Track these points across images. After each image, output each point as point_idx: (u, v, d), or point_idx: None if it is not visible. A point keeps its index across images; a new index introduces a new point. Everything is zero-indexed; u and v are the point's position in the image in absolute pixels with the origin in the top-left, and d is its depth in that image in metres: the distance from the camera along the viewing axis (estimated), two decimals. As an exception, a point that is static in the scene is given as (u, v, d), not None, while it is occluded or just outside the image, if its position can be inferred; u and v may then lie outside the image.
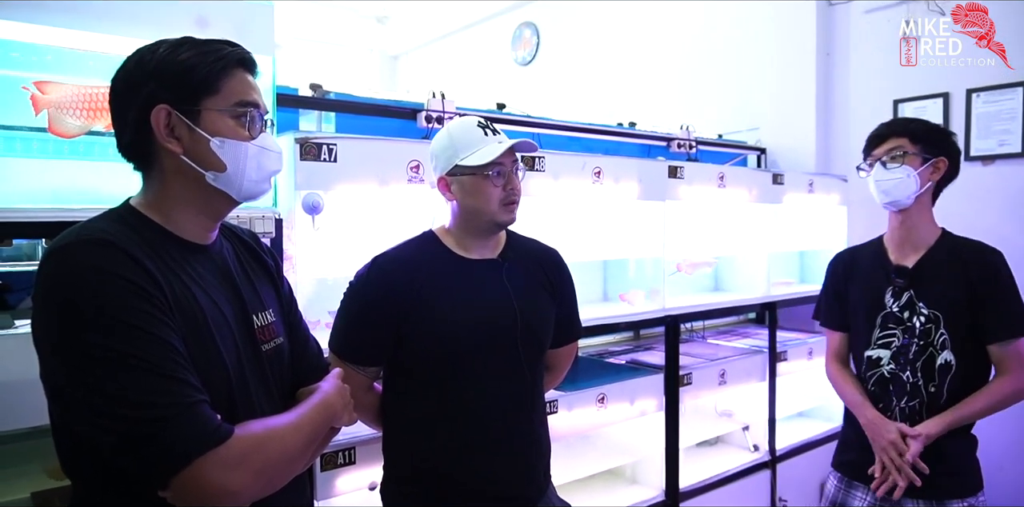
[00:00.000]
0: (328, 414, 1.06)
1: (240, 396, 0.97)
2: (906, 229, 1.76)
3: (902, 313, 1.73)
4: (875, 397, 1.77)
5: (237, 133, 0.99)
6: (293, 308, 1.21)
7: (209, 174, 0.97)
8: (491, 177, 1.38)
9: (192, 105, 0.96)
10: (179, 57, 0.95)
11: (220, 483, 0.83)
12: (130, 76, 0.95)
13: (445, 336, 1.38)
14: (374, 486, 1.72)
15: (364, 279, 1.41)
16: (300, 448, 0.97)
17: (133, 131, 0.96)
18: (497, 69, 5.64)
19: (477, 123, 1.42)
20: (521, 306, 1.43)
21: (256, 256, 1.15)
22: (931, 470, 1.63)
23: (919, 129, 1.72)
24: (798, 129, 3.55)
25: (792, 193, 3.03)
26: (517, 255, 1.50)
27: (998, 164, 2.92)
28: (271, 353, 1.07)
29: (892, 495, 1.64)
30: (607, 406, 2.24)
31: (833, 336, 1.92)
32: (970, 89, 2.97)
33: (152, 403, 0.81)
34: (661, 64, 4.35)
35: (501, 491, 1.43)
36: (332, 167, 1.66)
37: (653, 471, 2.53)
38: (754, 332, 3.37)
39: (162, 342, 0.84)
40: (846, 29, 3.44)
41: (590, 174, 2.24)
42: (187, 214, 0.99)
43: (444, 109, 2.17)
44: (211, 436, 0.84)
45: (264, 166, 1.03)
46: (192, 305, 0.93)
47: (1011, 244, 2.83)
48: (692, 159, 2.98)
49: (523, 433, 1.46)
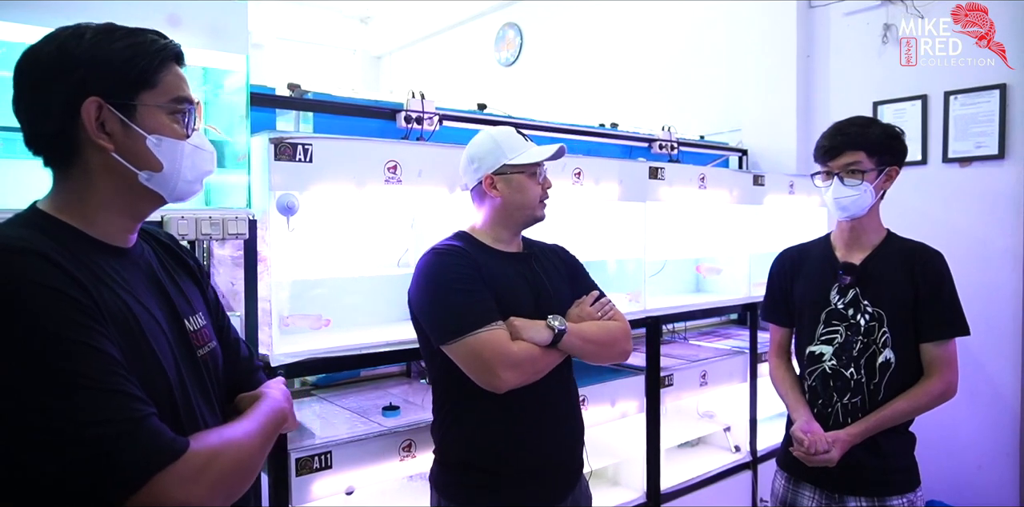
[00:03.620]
0: (280, 420, 1.04)
1: (183, 404, 0.93)
2: (855, 232, 1.79)
3: (847, 310, 1.75)
4: (816, 393, 1.79)
5: (173, 131, 0.93)
6: (221, 311, 1.16)
7: (143, 174, 0.91)
8: (536, 175, 1.55)
9: (128, 99, 0.89)
10: (113, 46, 0.88)
11: (179, 498, 0.79)
12: (52, 61, 0.86)
13: (506, 317, 1.46)
14: (351, 491, 1.70)
15: (438, 259, 1.48)
16: (256, 457, 0.94)
17: (55, 123, 0.87)
18: (480, 70, 5.64)
19: (516, 130, 1.58)
20: (555, 291, 1.58)
21: (177, 258, 1.09)
22: (871, 468, 1.68)
23: (875, 140, 1.71)
24: (779, 131, 3.57)
25: (773, 194, 3.04)
26: (537, 250, 1.65)
27: (975, 166, 2.94)
28: (206, 358, 1.02)
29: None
30: (588, 408, 2.23)
31: (777, 331, 1.95)
32: (948, 91, 3.00)
33: (102, 421, 0.75)
34: (643, 65, 4.36)
35: (556, 466, 1.55)
36: (307, 167, 1.64)
37: (635, 472, 2.53)
38: (735, 333, 3.38)
39: (101, 355, 0.78)
40: (826, 31, 3.47)
41: (570, 175, 2.24)
42: (108, 216, 0.92)
43: (424, 109, 2.15)
44: (167, 450, 0.79)
45: (198, 166, 0.98)
46: (124, 312, 0.86)
47: (987, 245, 2.88)
48: (674, 160, 2.99)
49: (571, 412, 1.61)
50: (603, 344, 1.54)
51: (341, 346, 1.74)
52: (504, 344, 1.39)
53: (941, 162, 3.03)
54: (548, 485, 1.54)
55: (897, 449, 1.72)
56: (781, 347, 1.94)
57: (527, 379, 1.43)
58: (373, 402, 2.04)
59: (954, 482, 2.94)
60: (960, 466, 2.96)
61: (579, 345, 1.49)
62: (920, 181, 3.01)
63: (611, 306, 1.61)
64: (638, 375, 2.46)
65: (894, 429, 1.70)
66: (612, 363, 1.61)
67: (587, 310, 1.57)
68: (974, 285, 2.77)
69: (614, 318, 1.59)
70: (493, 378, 1.38)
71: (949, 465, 2.95)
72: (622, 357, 1.60)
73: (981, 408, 2.90)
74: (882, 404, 1.69)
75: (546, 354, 1.46)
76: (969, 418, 2.91)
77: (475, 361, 1.39)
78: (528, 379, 1.43)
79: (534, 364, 1.43)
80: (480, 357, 1.38)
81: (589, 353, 1.54)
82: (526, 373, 1.42)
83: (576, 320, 1.53)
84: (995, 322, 2.84)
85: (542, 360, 1.45)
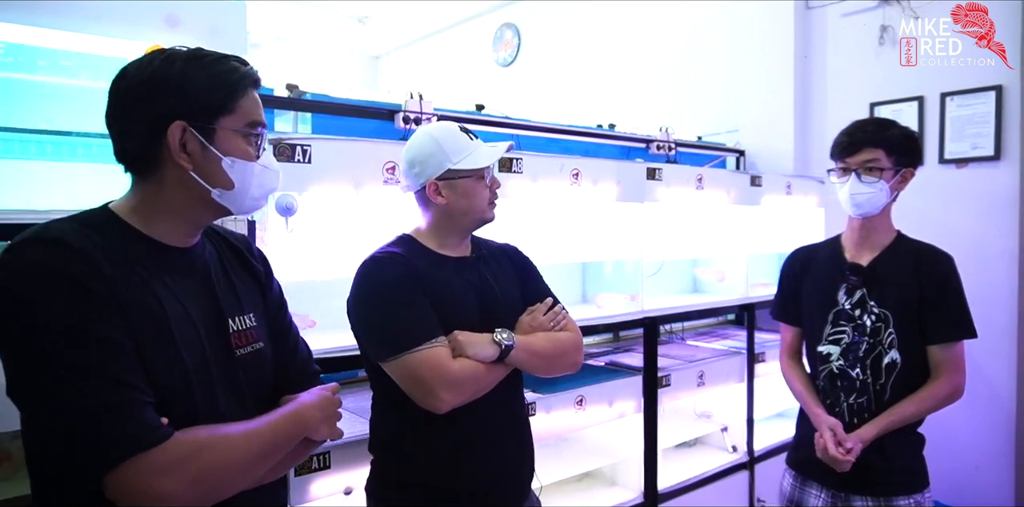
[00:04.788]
0: (299, 425, 1.05)
1: (203, 400, 0.95)
2: (866, 232, 1.80)
3: (854, 311, 1.76)
4: (824, 393, 1.81)
5: (246, 153, 1.01)
6: (281, 314, 1.20)
7: (216, 191, 0.98)
8: (483, 178, 1.45)
9: (208, 123, 0.96)
10: (199, 74, 0.96)
11: (150, 487, 0.82)
12: (144, 87, 0.94)
13: (450, 328, 1.38)
14: (349, 491, 1.70)
15: (373, 268, 1.39)
16: (251, 458, 0.95)
17: (141, 142, 0.95)
18: (478, 70, 5.64)
19: (459, 128, 1.46)
20: (504, 297, 1.50)
21: (244, 261, 1.15)
22: (877, 468, 1.69)
23: (894, 140, 1.73)
24: (777, 131, 3.57)
25: (770, 195, 3.05)
26: (487, 252, 1.56)
27: (971, 167, 2.95)
28: (246, 357, 1.05)
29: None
30: (585, 408, 2.23)
31: (787, 331, 1.96)
32: (944, 93, 3.01)
33: (88, 403, 0.81)
34: (641, 66, 4.37)
35: (501, 484, 1.47)
36: (306, 168, 1.64)
37: (632, 473, 2.53)
38: (733, 333, 3.39)
39: (100, 341, 0.83)
40: (823, 32, 3.47)
41: (568, 176, 2.24)
42: (170, 221, 0.99)
43: (422, 110, 2.15)
44: (144, 438, 0.83)
45: (265, 184, 1.05)
46: (152, 306, 0.91)
47: (984, 246, 2.89)
48: (671, 161, 2.99)
49: (519, 426, 1.54)
50: (552, 357, 1.46)
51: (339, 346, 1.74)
52: (444, 363, 1.30)
53: (938, 163, 3.04)
54: (493, 503, 1.46)
55: (903, 450, 1.72)
56: (791, 347, 1.94)
57: (469, 398, 1.35)
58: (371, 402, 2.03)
59: (952, 482, 2.95)
60: (958, 466, 2.96)
61: (526, 359, 1.41)
62: (916, 182, 2.94)
63: (564, 315, 1.52)
64: (636, 375, 2.46)
65: (902, 430, 1.70)
66: (560, 375, 1.53)
67: (540, 320, 1.48)
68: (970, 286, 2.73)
69: (566, 328, 1.50)
70: (432, 399, 1.30)
71: (947, 465, 2.96)
72: (572, 369, 1.51)
73: (978, 409, 2.91)
74: (888, 404, 1.70)
75: (491, 370, 1.37)
76: (967, 419, 2.92)
77: (413, 381, 1.31)
78: (470, 397, 1.35)
79: (476, 383, 1.35)
80: (418, 377, 1.30)
81: (537, 367, 1.45)
82: (467, 392, 1.34)
83: (527, 330, 1.46)
84: (992, 323, 2.84)
85: (486, 378, 1.36)
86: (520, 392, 1.56)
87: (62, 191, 1.49)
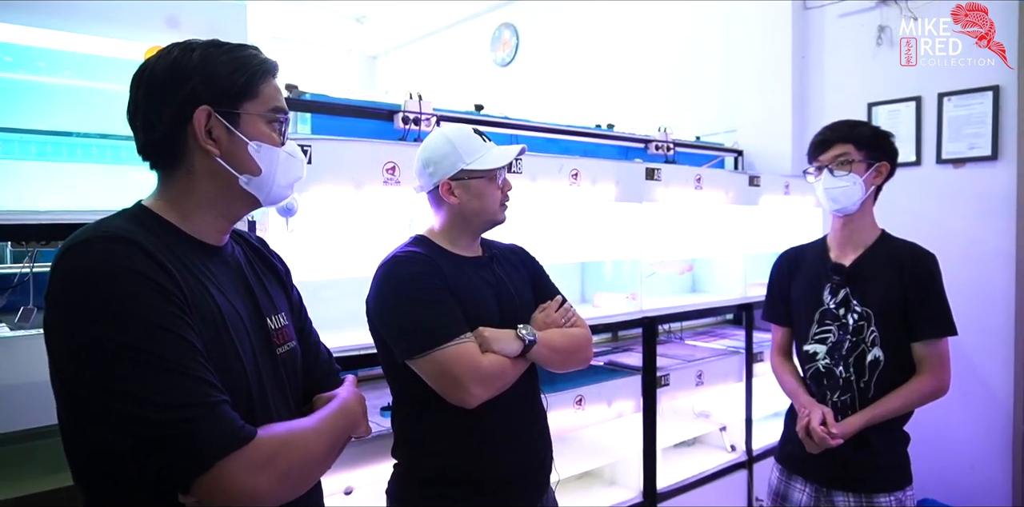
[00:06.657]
0: (349, 421, 1.06)
1: (258, 397, 0.96)
2: (848, 231, 1.82)
3: (838, 310, 1.78)
4: (810, 391, 1.83)
5: (271, 138, 1.01)
6: (303, 313, 1.21)
7: (243, 177, 0.98)
8: (495, 179, 1.48)
9: (233, 108, 0.96)
10: (220, 59, 0.96)
11: (245, 485, 0.82)
12: (167, 74, 0.94)
13: (473, 326, 1.41)
14: (350, 491, 1.70)
15: (397, 267, 1.40)
16: (324, 452, 0.97)
17: (167, 129, 0.94)
18: (476, 70, 5.64)
19: (473, 130, 1.49)
20: (517, 295, 1.53)
21: (265, 261, 1.15)
22: (859, 464, 1.71)
23: (863, 135, 1.77)
24: (775, 131, 3.58)
25: (768, 195, 3.06)
26: (497, 252, 1.59)
27: (968, 167, 2.96)
28: (286, 356, 1.07)
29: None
30: (584, 408, 2.24)
31: (777, 331, 1.98)
32: (942, 93, 3.01)
33: (176, 404, 0.79)
34: (639, 66, 4.37)
35: (524, 477, 1.50)
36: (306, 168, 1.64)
37: (631, 472, 2.54)
38: (731, 333, 3.40)
39: (183, 341, 0.83)
40: (821, 32, 3.48)
41: (567, 176, 2.24)
42: (207, 216, 0.99)
43: (421, 110, 2.15)
44: (235, 437, 0.82)
45: (291, 172, 1.05)
46: (211, 306, 0.91)
47: (980, 246, 2.90)
48: (670, 161, 3.00)
49: (539, 418, 1.57)
50: (568, 352, 1.51)
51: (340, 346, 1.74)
52: (474, 358, 1.34)
53: (935, 163, 3.05)
54: (516, 496, 1.49)
55: (886, 446, 1.74)
56: (782, 347, 1.97)
57: (496, 392, 1.38)
58: (371, 402, 2.01)
59: (947, 481, 2.96)
60: (953, 465, 2.97)
61: (546, 355, 1.45)
62: (914, 182, 3.03)
63: (574, 312, 1.57)
64: (634, 375, 2.47)
65: (887, 426, 1.72)
66: (572, 370, 1.56)
67: (553, 317, 1.52)
68: (967, 285, 2.80)
69: (576, 324, 1.55)
70: (464, 394, 1.33)
71: (942, 464, 2.97)
72: (584, 364, 1.56)
73: (974, 408, 2.92)
74: (872, 401, 1.71)
75: (515, 365, 1.41)
76: (962, 417, 2.93)
77: (444, 377, 1.33)
78: (497, 392, 1.38)
79: (503, 377, 1.38)
80: (450, 373, 1.32)
81: (555, 362, 1.50)
82: (495, 387, 1.37)
83: (541, 327, 1.49)
84: (988, 322, 2.86)
85: (512, 372, 1.40)
86: (537, 386, 1.58)
87: (62, 191, 1.49)
